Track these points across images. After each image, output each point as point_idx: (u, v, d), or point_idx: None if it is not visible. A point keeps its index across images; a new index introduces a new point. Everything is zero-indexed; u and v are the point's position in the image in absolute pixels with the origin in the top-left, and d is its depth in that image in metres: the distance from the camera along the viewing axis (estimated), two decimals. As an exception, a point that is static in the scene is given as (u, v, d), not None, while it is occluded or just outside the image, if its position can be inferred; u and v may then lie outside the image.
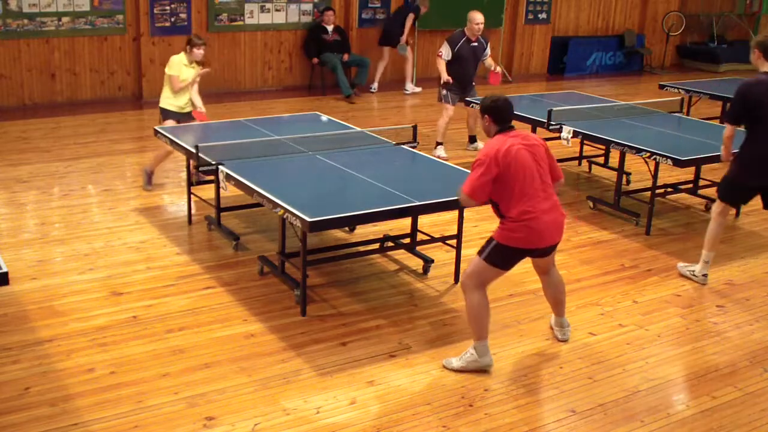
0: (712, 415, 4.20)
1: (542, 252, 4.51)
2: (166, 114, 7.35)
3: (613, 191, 7.26)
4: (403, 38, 12.42)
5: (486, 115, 4.47)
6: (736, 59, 15.74)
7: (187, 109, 7.39)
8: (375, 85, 12.69)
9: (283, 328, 4.94)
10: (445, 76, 8.67)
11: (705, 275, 5.72)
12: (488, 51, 8.97)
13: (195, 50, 7.23)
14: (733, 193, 5.65)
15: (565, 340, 4.89)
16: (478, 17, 8.62)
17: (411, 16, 12.46)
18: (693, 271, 5.77)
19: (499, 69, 9.05)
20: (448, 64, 8.69)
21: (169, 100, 7.33)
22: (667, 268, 6.06)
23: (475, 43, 8.74)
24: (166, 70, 7.29)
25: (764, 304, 5.53)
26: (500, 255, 4.40)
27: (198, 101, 7.45)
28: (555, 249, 4.59)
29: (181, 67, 7.25)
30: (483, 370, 4.49)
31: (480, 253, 4.46)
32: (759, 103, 5.38)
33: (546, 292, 4.87)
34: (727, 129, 5.52)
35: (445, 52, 8.68)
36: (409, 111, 11.40)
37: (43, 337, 4.73)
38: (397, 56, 12.76)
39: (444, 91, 8.82)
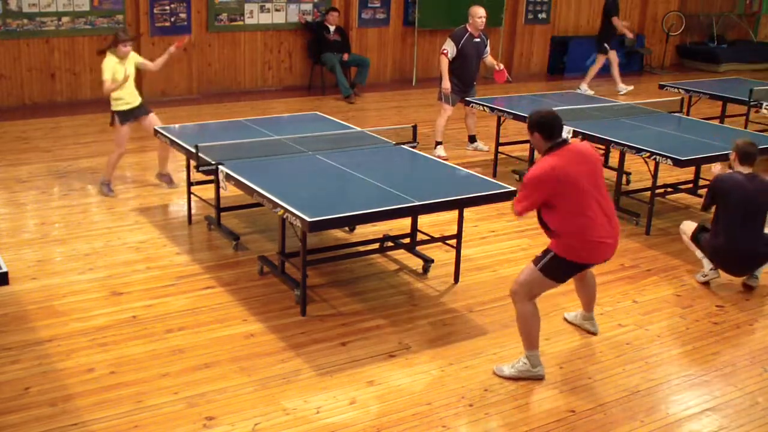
0: (712, 415, 4.20)
1: (595, 263, 4.49)
2: (121, 117, 7.13)
3: (613, 191, 7.26)
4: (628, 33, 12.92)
5: (535, 132, 4.34)
6: (736, 59, 15.74)
7: (137, 102, 7.21)
8: (584, 86, 12.76)
9: (283, 328, 4.94)
10: (447, 83, 8.56)
11: (713, 269, 5.71)
12: (488, 48, 8.95)
13: (121, 47, 6.94)
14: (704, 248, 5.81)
15: (596, 332, 4.99)
16: (480, 11, 8.56)
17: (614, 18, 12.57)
18: (703, 272, 5.76)
19: (502, 66, 9.00)
20: (451, 62, 8.59)
21: (117, 103, 7.10)
22: (667, 268, 6.06)
23: (478, 39, 8.68)
24: (103, 75, 6.98)
25: (764, 304, 5.53)
26: (558, 268, 4.32)
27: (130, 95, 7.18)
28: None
29: (114, 68, 6.95)
30: (535, 380, 4.45)
31: (536, 262, 4.37)
32: (725, 195, 5.57)
33: (579, 292, 4.92)
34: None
35: (450, 49, 8.55)
36: (409, 111, 11.39)
37: (43, 337, 4.73)
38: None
39: (440, 94, 8.79)
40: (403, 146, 6.38)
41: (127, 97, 7.13)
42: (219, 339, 4.80)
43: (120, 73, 6.96)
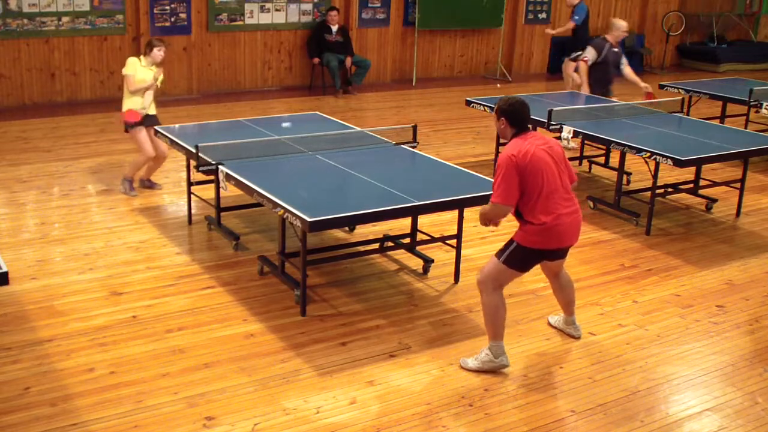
0: (712, 415, 4.20)
1: (559, 253, 4.52)
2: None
3: (614, 191, 7.26)
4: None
5: (502, 118, 4.40)
6: (736, 59, 15.74)
7: (150, 111, 7.18)
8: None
9: (283, 328, 4.94)
10: (586, 88, 8.74)
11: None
12: (624, 59, 8.99)
13: (155, 51, 7.00)
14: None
15: (579, 336, 4.93)
16: (625, 25, 8.79)
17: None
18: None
19: (650, 88, 8.92)
20: (591, 68, 8.78)
21: (129, 104, 7.08)
22: (667, 268, 6.06)
23: (616, 49, 8.83)
24: (123, 70, 7.07)
25: (764, 304, 5.53)
26: (519, 257, 4.38)
27: (147, 102, 7.15)
28: (568, 250, 4.59)
29: (137, 68, 7.01)
30: (499, 371, 4.48)
31: (499, 254, 4.44)
32: None
33: (557, 294, 4.89)
34: None
35: (591, 56, 8.76)
36: (409, 111, 11.39)
37: (43, 337, 4.73)
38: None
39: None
40: (403, 146, 6.38)
41: (141, 104, 7.10)
42: (219, 339, 4.80)
43: (141, 74, 7.01)
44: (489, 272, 4.46)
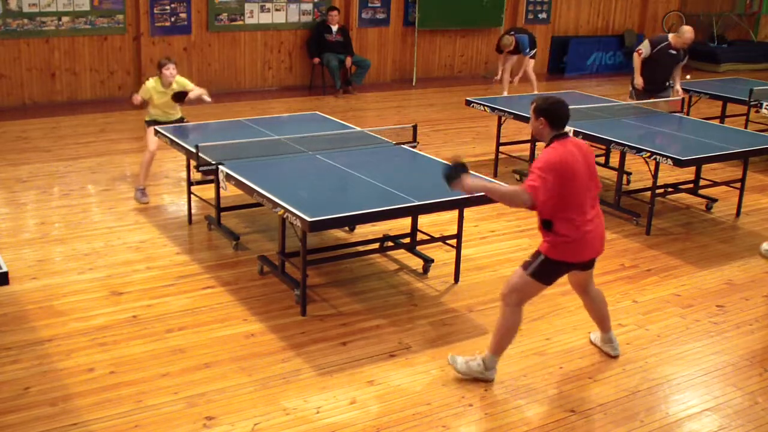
0: (712, 415, 4.20)
1: (585, 265, 4.38)
2: (149, 123, 7.26)
3: (614, 191, 7.26)
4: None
5: (541, 118, 4.18)
6: (736, 59, 15.73)
7: (177, 116, 7.33)
8: None
9: (283, 328, 4.94)
10: (638, 79, 8.58)
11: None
12: (683, 63, 8.74)
13: (164, 71, 7.05)
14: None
15: (617, 356, 4.72)
16: (692, 34, 8.50)
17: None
18: None
19: (679, 94, 8.74)
20: (643, 63, 8.60)
21: (149, 116, 7.27)
22: (667, 268, 6.06)
23: (674, 52, 8.56)
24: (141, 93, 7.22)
25: (764, 304, 5.53)
26: (547, 270, 4.23)
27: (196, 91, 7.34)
28: (595, 261, 4.45)
29: (151, 93, 7.10)
30: (483, 381, 4.43)
31: (525, 266, 4.28)
32: None
33: (589, 310, 4.69)
34: None
35: (645, 50, 8.59)
36: (409, 111, 11.39)
37: (43, 336, 4.73)
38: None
39: (631, 89, 8.85)
40: (403, 146, 6.38)
41: (158, 116, 7.25)
42: (219, 339, 4.80)
43: (157, 99, 7.14)
44: (515, 285, 4.30)
